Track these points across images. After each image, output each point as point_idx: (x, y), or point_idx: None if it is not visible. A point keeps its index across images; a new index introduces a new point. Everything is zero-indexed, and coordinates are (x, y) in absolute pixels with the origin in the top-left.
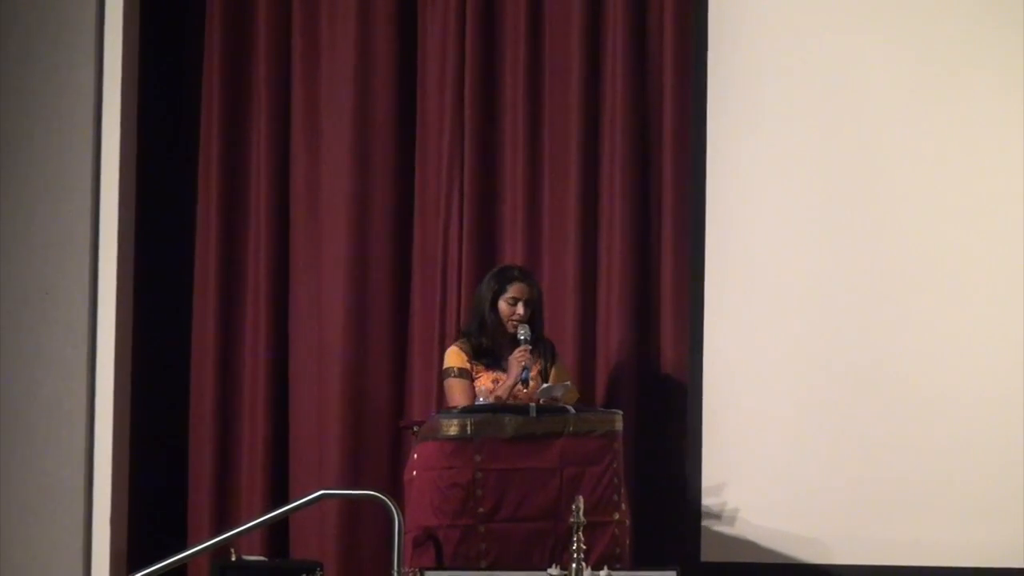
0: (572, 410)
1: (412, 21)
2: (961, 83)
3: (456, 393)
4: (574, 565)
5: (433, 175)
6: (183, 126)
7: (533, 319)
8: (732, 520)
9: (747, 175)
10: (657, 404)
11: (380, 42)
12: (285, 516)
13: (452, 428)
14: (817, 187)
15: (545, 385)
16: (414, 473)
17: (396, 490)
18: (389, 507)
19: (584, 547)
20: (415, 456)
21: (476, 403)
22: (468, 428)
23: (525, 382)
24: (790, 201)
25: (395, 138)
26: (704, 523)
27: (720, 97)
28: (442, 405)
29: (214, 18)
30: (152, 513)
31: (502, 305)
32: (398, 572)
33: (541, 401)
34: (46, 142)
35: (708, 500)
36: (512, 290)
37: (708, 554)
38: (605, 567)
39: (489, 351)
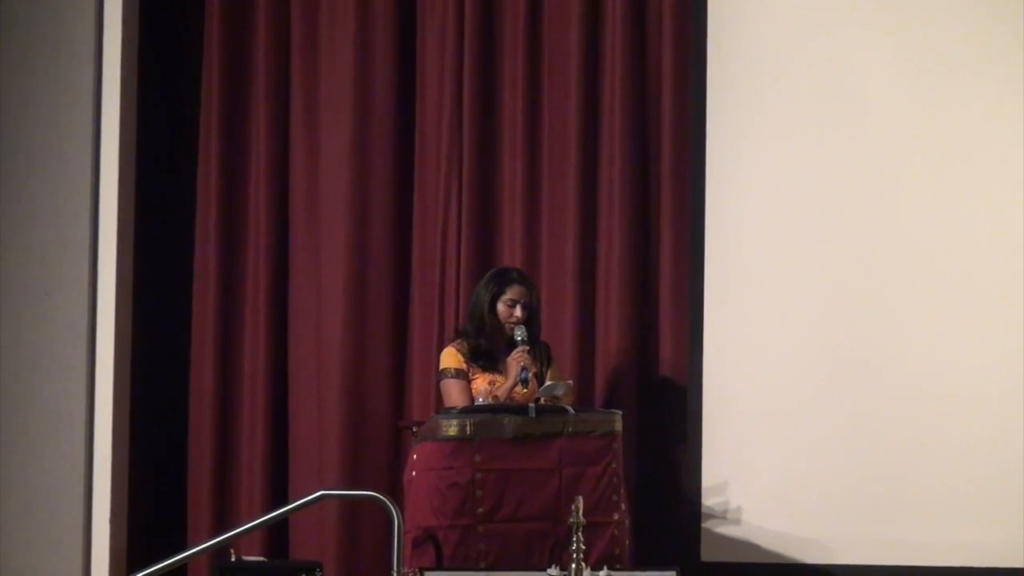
0: (571, 410)
1: (411, 22)
2: (961, 83)
3: (453, 393)
4: (573, 565)
5: (432, 176)
6: (182, 126)
7: (530, 321)
8: (732, 520)
9: (747, 176)
10: (657, 405)
11: (379, 42)
12: (285, 516)
13: (451, 428)
14: (817, 187)
15: (547, 383)
16: (413, 473)
17: (396, 490)
18: (389, 507)
19: (583, 547)
20: (415, 456)
21: (475, 403)
22: (467, 428)
23: (524, 383)
24: (790, 202)
25: (394, 139)
26: (704, 523)
27: (719, 99)
28: (441, 406)
29: (213, 18)
30: (152, 513)
31: (500, 307)
32: (398, 572)
33: (542, 400)
34: (46, 142)
35: (708, 500)
36: (511, 292)
37: (708, 554)
38: (605, 567)
39: (487, 353)
